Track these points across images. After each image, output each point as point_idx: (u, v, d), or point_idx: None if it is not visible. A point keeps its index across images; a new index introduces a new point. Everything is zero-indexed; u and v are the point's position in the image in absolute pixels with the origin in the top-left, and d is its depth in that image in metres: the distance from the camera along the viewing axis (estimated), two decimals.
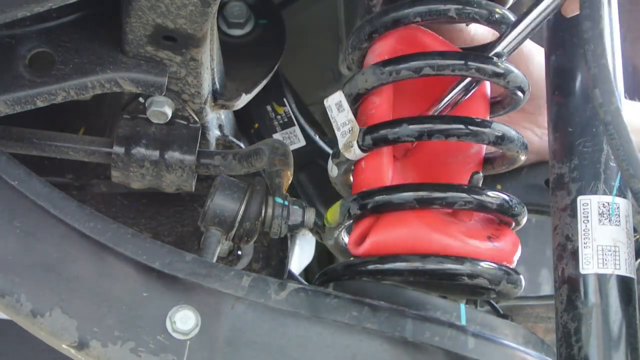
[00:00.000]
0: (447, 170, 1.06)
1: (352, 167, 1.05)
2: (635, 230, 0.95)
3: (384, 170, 1.02)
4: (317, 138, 1.49)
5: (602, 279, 0.91)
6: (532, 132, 1.24)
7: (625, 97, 1.04)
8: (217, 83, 1.16)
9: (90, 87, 1.05)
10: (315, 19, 1.63)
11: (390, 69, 1.00)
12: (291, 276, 1.49)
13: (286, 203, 1.07)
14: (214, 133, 1.21)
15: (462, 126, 0.98)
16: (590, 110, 0.97)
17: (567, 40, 1.01)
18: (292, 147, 1.46)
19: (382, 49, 1.04)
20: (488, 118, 1.07)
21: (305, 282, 1.52)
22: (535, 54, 1.18)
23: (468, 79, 1.01)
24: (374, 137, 1.00)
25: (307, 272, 1.79)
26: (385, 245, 0.99)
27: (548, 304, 1.89)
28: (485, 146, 1.06)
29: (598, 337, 0.90)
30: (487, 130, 0.98)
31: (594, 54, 0.84)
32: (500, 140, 0.99)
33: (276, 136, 1.48)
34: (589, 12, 0.85)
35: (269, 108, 1.50)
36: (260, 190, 1.07)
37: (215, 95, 1.16)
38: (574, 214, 0.93)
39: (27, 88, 1.03)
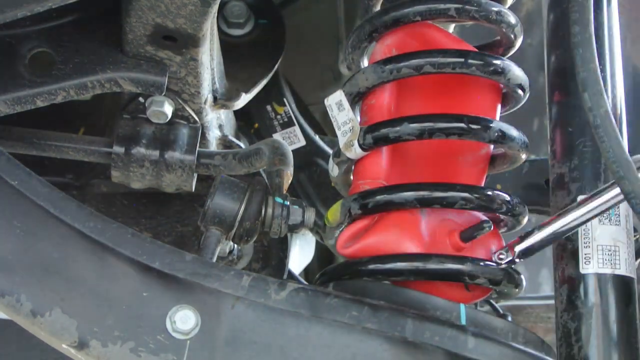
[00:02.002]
0: (455, 170, 1.06)
1: (353, 167, 1.05)
2: (635, 230, 0.95)
3: (385, 169, 1.02)
4: (317, 138, 1.50)
5: (602, 278, 0.91)
6: None
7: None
8: (217, 83, 1.16)
9: (90, 87, 1.05)
10: (315, 19, 1.64)
11: (390, 67, 1.00)
12: (291, 276, 1.49)
13: (286, 203, 1.07)
14: (214, 133, 1.21)
15: (462, 125, 0.98)
16: None
17: (567, 40, 1.01)
18: (292, 147, 1.46)
19: (391, 43, 1.04)
20: (497, 117, 1.07)
21: (305, 282, 1.52)
22: None
23: None
24: (374, 135, 1.00)
25: (307, 272, 1.79)
26: (377, 248, 0.99)
27: (548, 304, 1.89)
28: (492, 146, 1.06)
29: (598, 337, 0.90)
30: (488, 128, 0.98)
31: (582, 58, 0.84)
32: (501, 139, 0.99)
33: (276, 136, 1.48)
34: (577, 17, 0.85)
35: (269, 108, 1.50)
36: (260, 190, 1.07)
37: (215, 95, 1.16)
38: None
39: (27, 88, 1.03)
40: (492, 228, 0.99)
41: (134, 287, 0.94)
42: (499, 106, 1.07)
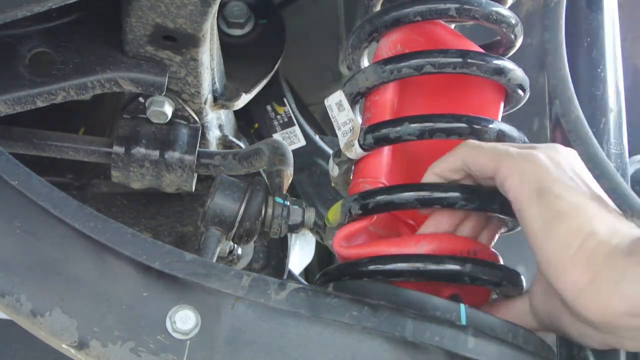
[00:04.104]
0: None
1: (353, 167, 1.05)
2: None
3: (385, 169, 1.02)
4: (317, 138, 1.49)
5: None
6: None
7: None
8: (217, 83, 1.16)
9: (90, 87, 1.05)
10: (315, 19, 1.64)
11: (391, 68, 1.00)
12: (291, 276, 1.49)
13: (286, 203, 1.07)
14: (214, 133, 1.21)
15: (463, 125, 0.98)
16: (590, 111, 0.97)
17: (566, 40, 1.01)
18: (292, 147, 1.46)
19: (397, 39, 1.04)
20: (499, 117, 1.07)
21: (305, 282, 1.52)
22: None
23: None
24: (375, 136, 1.00)
25: (307, 272, 1.79)
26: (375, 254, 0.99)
27: None
28: None
29: None
30: (488, 129, 0.98)
31: (552, 66, 0.85)
32: (502, 139, 0.99)
33: (276, 136, 1.48)
34: (549, 23, 0.86)
35: (269, 108, 1.50)
36: (260, 190, 1.07)
37: (215, 95, 1.16)
38: None
39: (27, 88, 1.03)
40: None
41: (134, 287, 0.94)
42: (502, 105, 1.07)
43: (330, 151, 1.39)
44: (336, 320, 0.92)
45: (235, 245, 1.16)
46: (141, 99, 1.13)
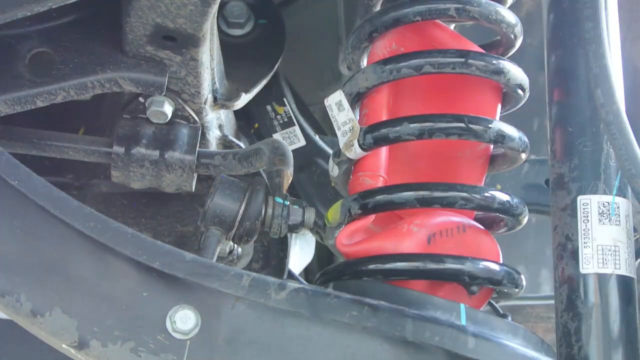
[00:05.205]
0: (454, 169, 1.06)
1: (353, 167, 1.05)
2: (635, 230, 0.95)
3: (385, 168, 1.02)
4: (317, 138, 1.50)
5: (602, 278, 0.90)
6: None
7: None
8: (217, 83, 1.16)
9: (90, 87, 1.05)
10: (315, 19, 1.64)
11: (390, 68, 1.01)
12: (291, 276, 1.49)
13: (286, 203, 1.07)
14: (214, 133, 1.21)
15: (462, 125, 0.98)
16: (590, 110, 0.96)
17: (567, 40, 1.01)
18: (292, 147, 1.46)
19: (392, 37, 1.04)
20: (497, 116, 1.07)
21: (305, 282, 1.52)
22: None
23: None
24: (374, 136, 1.00)
25: (307, 272, 1.79)
26: (380, 250, 0.99)
27: (548, 304, 1.89)
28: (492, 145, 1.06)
29: (598, 337, 0.90)
30: (488, 129, 0.98)
31: (595, 54, 0.84)
32: (502, 139, 0.99)
33: (276, 136, 1.48)
34: (590, 13, 0.85)
35: (269, 108, 1.50)
36: (260, 190, 1.07)
37: (215, 95, 1.16)
38: (574, 214, 0.93)
39: (27, 88, 1.03)
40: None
41: (134, 287, 0.94)
42: (499, 107, 1.07)
43: (330, 151, 1.39)
44: (336, 320, 0.92)
45: (235, 245, 1.16)
46: (141, 99, 1.13)
